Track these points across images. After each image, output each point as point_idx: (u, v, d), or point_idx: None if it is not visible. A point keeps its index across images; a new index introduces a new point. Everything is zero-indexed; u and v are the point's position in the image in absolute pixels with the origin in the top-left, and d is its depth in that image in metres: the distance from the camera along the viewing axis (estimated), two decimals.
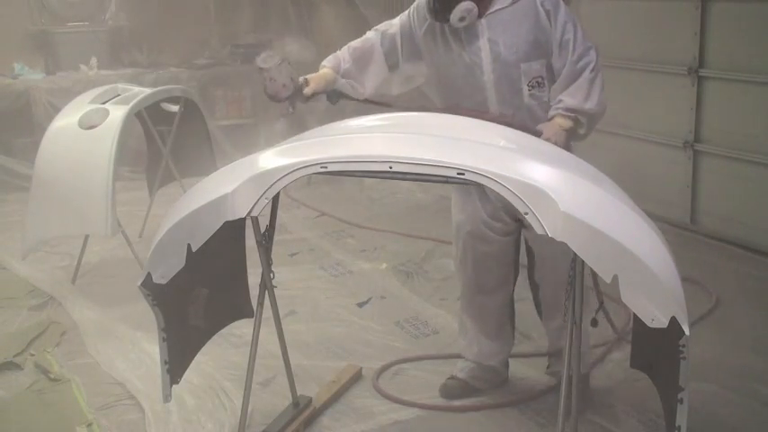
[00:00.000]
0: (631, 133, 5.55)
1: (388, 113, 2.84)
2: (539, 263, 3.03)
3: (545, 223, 1.97)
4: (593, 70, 2.82)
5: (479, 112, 2.78)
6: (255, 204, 2.23)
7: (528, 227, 2.87)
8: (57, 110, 5.12)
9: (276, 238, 2.70)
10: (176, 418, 3.05)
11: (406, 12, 2.96)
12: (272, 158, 2.29)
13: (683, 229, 5.10)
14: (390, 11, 7.04)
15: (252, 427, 2.92)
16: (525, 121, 2.81)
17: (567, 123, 2.79)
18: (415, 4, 2.93)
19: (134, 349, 3.62)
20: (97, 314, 4.02)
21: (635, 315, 2.00)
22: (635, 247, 1.94)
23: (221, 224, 2.26)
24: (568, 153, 2.50)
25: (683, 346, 1.93)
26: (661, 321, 1.92)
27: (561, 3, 2.81)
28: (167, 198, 4.71)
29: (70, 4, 7.45)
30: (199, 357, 2.84)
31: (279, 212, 2.65)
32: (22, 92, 6.71)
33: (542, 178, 2.04)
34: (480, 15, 2.77)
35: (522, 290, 4.21)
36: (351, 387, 3.29)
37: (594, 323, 2.41)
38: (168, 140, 5.01)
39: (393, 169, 2.13)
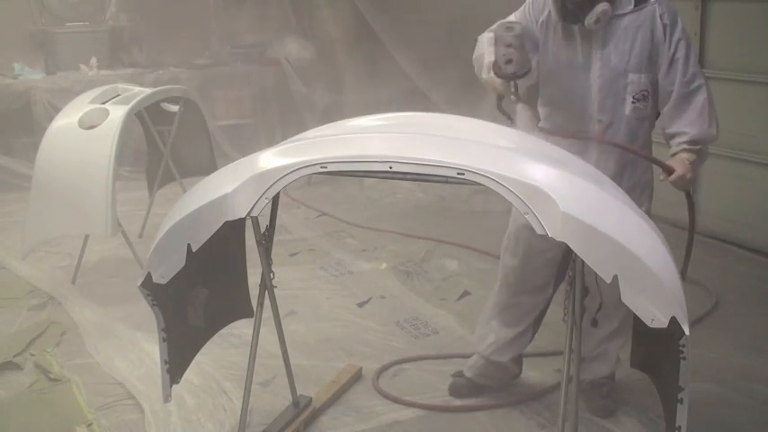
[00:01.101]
0: None
1: (389, 113, 2.85)
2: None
3: (545, 223, 1.97)
4: (707, 95, 2.74)
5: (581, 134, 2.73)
6: (255, 204, 2.23)
7: None
8: (57, 110, 5.12)
9: (276, 238, 2.70)
10: (176, 418, 3.05)
11: (522, 7, 2.89)
12: (272, 158, 2.29)
13: (684, 229, 5.09)
14: (390, 10, 7.04)
15: (252, 427, 2.92)
16: (621, 132, 2.76)
17: (693, 156, 2.73)
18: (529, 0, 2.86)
19: (134, 349, 3.62)
20: (97, 314, 4.02)
21: (635, 315, 2.00)
22: (635, 247, 1.94)
23: (221, 224, 2.26)
24: (568, 153, 2.49)
25: (683, 346, 1.94)
26: (661, 321, 1.92)
27: (679, 20, 2.74)
28: (167, 198, 4.71)
29: (70, 4, 7.45)
30: (199, 357, 2.84)
31: (279, 212, 2.65)
32: (22, 92, 6.70)
33: (542, 178, 2.04)
34: None
35: None
36: (351, 387, 3.29)
37: (594, 323, 2.41)
38: (168, 140, 5.00)
39: (393, 169, 2.13)
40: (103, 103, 4.39)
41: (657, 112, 2.83)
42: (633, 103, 2.75)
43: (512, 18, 2.88)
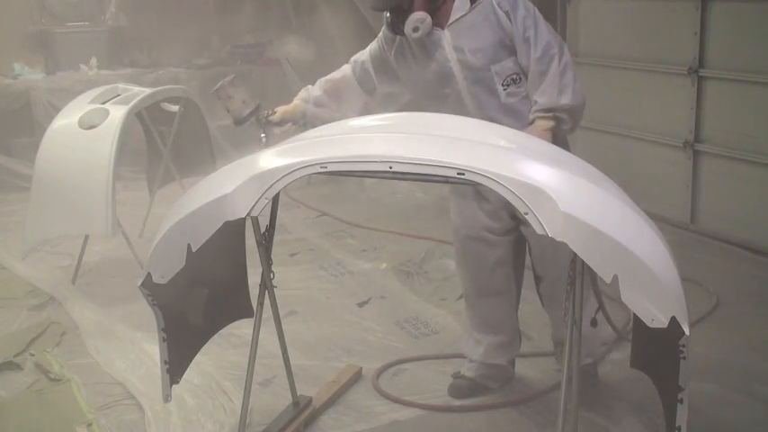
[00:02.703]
0: (631, 133, 5.55)
1: (389, 113, 2.85)
2: (539, 257, 3.04)
3: (545, 223, 1.97)
4: (560, 63, 2.80)
5: None
6: (255, 204, 2.22)
7: (525, 223, 2.89)
8: (57, 110, 5.12)
9: (276, 238, 2.70)
10: (176, 418, 3.05)
11: (376, 38, 3.03)
12: (272, 158, 2.29)
13: (683, 229, 5.10)
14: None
15: (252, 427, 2.92)
16: (505, 120, 2.82)
17: (549, 123, 2.79)
18: (383, 28, 2.98)
19: (134, 349, 3.62)
20: (97, 314, 4.02)
21: (635, 315, 2.00)
22: (635, 247, 1.94)
23: (221, 224, 2.26)
24: (568, 153, 2.49)
25: (684, 346, 1.93)
26: (661, 321, 1.92)
27: (519, 2, 2.82)
28: (167, 198, 4.70)
29: (70, 4, 7.46)
30: (199, 357, 2.84)
31: (279, 212, 2.65)
32: (22, 92, 6.71)
33: (542, 178, 2.04)
34: (442, 26, 2.83)
35: (522, 290, 4.22)
36: (351, 387, 3.29)
37: (594, 323, 2.41)
38: (168, 140, 5.00)
39: (393, 169, 2.13)
40: (103, 103, 4.40)
41: None
42: (505, 89, 2.85)
43: (366, 49, 3.05)
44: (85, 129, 4.22)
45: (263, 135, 2.97)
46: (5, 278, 4.59)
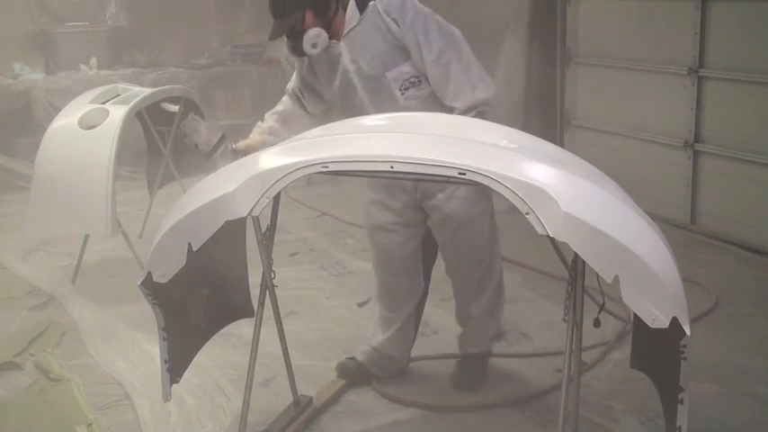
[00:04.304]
0: (631, 133, 5.55)
1: (389, 113, 2.85)
2: (444, 249, 3.15)
3: (546, 223, 1.97)
4: (460, 63, 2.84)
5: None
6: (256, 204, 2.22)
7: (432, 218, 3.05)
8: (57, 110, 5.13)
9: (276, 238, 2.70)
10: (176, 418, 3.05)
11: (297, 65, 3.11)
12: (273, 158, 2.29)
13: (683, 229, 5.10)
14: None
15: (252, 427, 2.91)
16: None
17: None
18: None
19: (134, 349, 3.62)
20: (97, 314, 4.02)
21: (635, 315, 2.00)
22: (636, 247, 1.94)
23: (222, 224, 2.26)
24: (570, 153, 2.49)
25: (684, 346, 1.93)
26: (662, 322, 1.92)
27: (408, 6, 2.84)
28: (167, 198, 4.70)
29: (70, 4, 7.46)
30: (199, 357, 2.84)
31: (279, 212, 2.65)
32: (22, 92, 6.71)
33: (543, 178, 2.04)
34: (338, 39, 2.88)
35: (522, 290, 4.22)
36: (351, 387, 3.29)
37: (597, 323, 2.41)
38: (168, 140, 5.00)
39: (394, 169, 2.13)
40: (103, 103, 4.40)
41: None
42: (403, 93, 2.89)
43: (294, 75, 3.13)
44: (85, 129, 4.22)
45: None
46: (5, 278, 4.59)
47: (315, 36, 2.82)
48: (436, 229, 3.09)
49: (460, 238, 3.05)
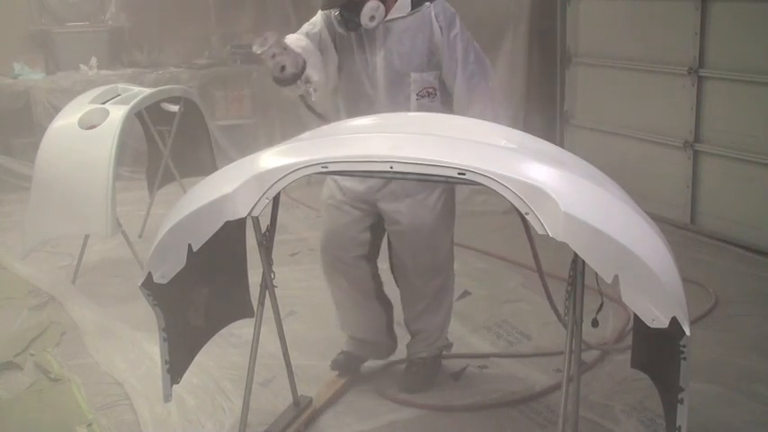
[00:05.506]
0: (631, 133, 5.56)
1: (389, 113, 2.85)
2: (397, 251, 3.16)
3: (546, 223, 1.97)
4: (487, 88, 2.94)
5: None
6: (256, 204, 2.23)
7: (394, 226, 3.08)
8: (57, 110, 5.12)
9: (276, 238, 2.70)
10: (176, 418, 3.05)
11: (319, 14, 3.03)
12: (273, 158, 2.29)
13: (683, 229, 5.10)
14: None
15: (252, 427, 2.91)
16: None
17: None
18: (319, 18, 3.01)
19: (134, 349, 3.62)
20: (97, 314, 4.02)
21: (635, 315, 2.00)
22: (636, 248, 1.94)
23: (222, 224, 2.26)
24: (570, 153, 2.50)
25: (684, 346, 1.93)
26: (662, 322, 1.92)
27: (456, 19, 2.91)
28: (167, 198, 4.71)
29: (70, 4, 7.45)
30: (199, 357, 2.84)
31: (279, 212, 2.65)
32: (22, 92, 6.71)
33: (543, 178, 2.04)
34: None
35: (522, 289, 4.23)
36: (351, 387, 3.29)
37: (595, 323, 2.41)
38: (168, 140, 5.00)
39: (394, 169, 2.13)
40: (103, 103, 4.40)
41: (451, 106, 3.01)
42: (417, 99, 2.93)
43: (316, 20, 3.01)
44: (85, 129, 4.21)
45: (311, 90, 2.85)
46: (5, 278, 4.59)
47: (374, 8, 2.81)
48: (398, 238, 3.11)
49: (421, 249, 3.09)
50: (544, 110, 6.07)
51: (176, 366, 2.60)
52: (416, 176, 2.17)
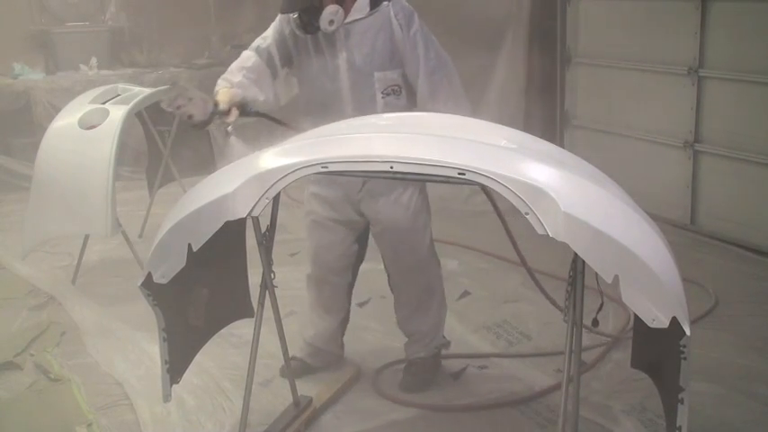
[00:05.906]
0: (631, 133, 5.56)
1: (389, 113, 2.85)
2: (381, 253, 3.22)
3: (546, 223, 1.96)
4: (450, 84, 2.96)
5: None
6: (256, 204, 2.22)
7: (374, 227, 3.12)
8: (57, 110, 5.12)
9: (276, 238, 2.70)
10: (176, 418, 3.05)
11: (276, 22, 3.08)
12: (273, 158, 2.29)
13: (683, 229, 5.10)
14: None
15: (252, 427, 2.91)
16: None
17: None
18: (279, 16, 3.04)
19: (134, 349, 3.62)
20: (97, 314, 4.02)
21: (636, 315, 2.00)
22: (636, 248, 1.94)
23: (222, 224, 2.26)
24: (570, 153, 2.50)
25: (684, 346, 1.93)
26: (662, 322, 1.92)
27: (415, 17, 2.94)
28: (167, 198, 4.70)
29: (70, 4, 7.45)
30: (199, 357, 2.84)
31: (279, 212, 2.65)
32: (22, 92, 6.71)
33: (543, 178, 2.03)
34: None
35: (522, 289, 4.22)
36: (351, 387, 3.29)
37: (595, 323, 2.41)
38: (168, 140, 5.00)
39: (394, 169, 2.13)
40: (103, 103, 4.39)
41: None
42: (383, 98, 2.95)
43: (268, 33, 3.08)
44: (85, 129, 4.21)
45: (228, 128, 3.00)
46: (5, 278, 4.59)
47: (333, 13, 2.84)
48: (379, 240, 3.17)
49: (401, 249, 3.13)
50: (544, 110, 6.07)
51: (176, 366, 2.60)
52: (416, 176, 2.17)
